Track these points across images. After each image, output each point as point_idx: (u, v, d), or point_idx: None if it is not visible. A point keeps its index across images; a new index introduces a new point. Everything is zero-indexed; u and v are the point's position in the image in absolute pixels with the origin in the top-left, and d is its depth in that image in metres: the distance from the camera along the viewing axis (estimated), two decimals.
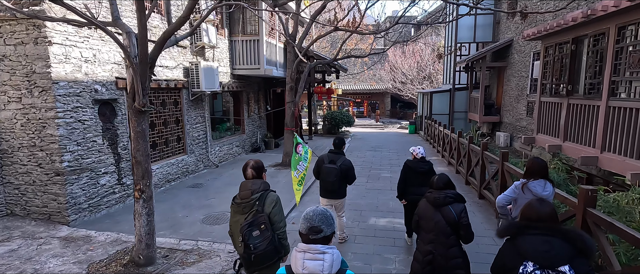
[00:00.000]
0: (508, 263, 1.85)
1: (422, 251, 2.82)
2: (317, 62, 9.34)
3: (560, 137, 6.80)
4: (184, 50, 7.99)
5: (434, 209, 2.81)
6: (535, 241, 1.78)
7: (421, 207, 2.94)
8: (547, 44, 7.46)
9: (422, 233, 2.91)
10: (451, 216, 2.73)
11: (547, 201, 2.04)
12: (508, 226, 2.00)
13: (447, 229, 2.73)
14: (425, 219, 2.85)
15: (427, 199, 2.91)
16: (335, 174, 4.22)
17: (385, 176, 8.53)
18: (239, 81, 10.86)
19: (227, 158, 10.22)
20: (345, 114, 17.38)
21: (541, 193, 3.08)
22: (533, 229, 1.84)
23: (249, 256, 2.52)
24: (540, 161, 3.29)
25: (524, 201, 2.99)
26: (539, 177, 3.16)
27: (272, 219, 2.61)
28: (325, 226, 1.63)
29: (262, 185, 2.72)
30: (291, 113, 9.07)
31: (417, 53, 26.04)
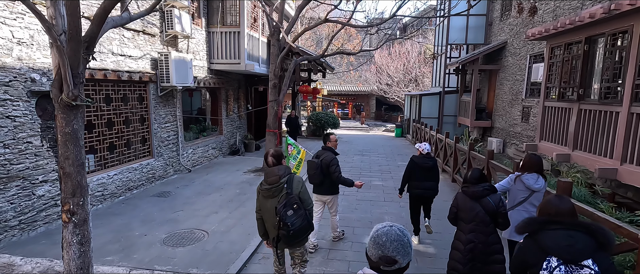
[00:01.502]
0: (530, 259, 1.84)
1: (463, 241, 3.01)
2: (303, 58, 8.51)
3: (569, 145, 6.23)
4: (152, 39, 6.98)
5: (473, 201, 3.01)
6: (557, 236, 1.77)
7: (459, 200, 3.11)
8: (553, 45, 6.91)
9: (461, 224, 3.09)
10: (490, 206, 2.96)
11: (566, 198, 2.05)
12: (528, 222, 1.96)
13: (487, 218, 2.95)
14: (464, 211, 3.04)
15: (465, 193, 3.08)
16: (314, 167, 4.30)
17: (376, 184, 7.78)
18: (217, 77, 9.88)
19: (201, 162, 9.22)
20: (331, 116, 16.61)
21: (533, 186, 3.31)
22: (554, 224, 1.83)
23: (288, 233, 2.80)
24: (537, 157, 3.47)
25: (516, 192, 3.38)
26: (533, 171, 3.38)
27: (301, 198, 2.93)
28: (401, 256, 1.37)
29: (286, 170, 2.96)
30: (274, 113, 8.20)
31: (404, 55, 25.62)
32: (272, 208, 2.88)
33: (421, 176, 4.56)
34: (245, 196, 6.55)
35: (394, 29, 34.93)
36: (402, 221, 5.59)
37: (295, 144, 5.68)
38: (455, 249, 3.09)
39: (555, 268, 1.71)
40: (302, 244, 3.10)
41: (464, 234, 3.03)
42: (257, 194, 3.04)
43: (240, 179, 7.81)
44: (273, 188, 2.88)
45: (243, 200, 6.33)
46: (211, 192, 6.72)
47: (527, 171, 3.41)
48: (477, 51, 12.35)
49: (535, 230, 1.88)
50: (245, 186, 7.28)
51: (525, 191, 3.39)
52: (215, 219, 5.32)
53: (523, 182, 3.37)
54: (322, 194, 4.47)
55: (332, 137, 4.62)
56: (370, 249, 1.40)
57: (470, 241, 2.96)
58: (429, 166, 4.58)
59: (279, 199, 2.85)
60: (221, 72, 10.13)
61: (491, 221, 2.97)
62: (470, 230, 2.98)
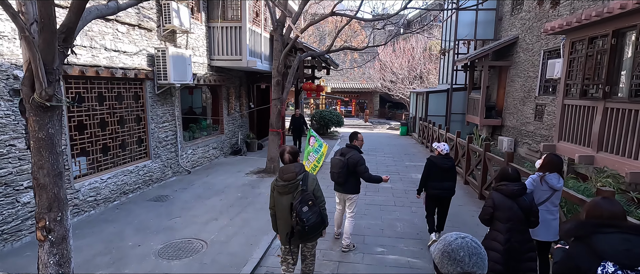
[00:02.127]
0: (582, 264, 1.73)
1: (501, 241, 2.98)
2: (307, 54, 8.11)
3: (593, 146, 5.82)
4: (148, 34, 6.61)
5: (510, 200, 3.01)
6: (613, 240, 1.68)
7: (496, 199, 3.07)
8: (574, 39, 6.49)
9: (497, 223, 3.06)
10: (526, 205, 3.01)
11: (616, 200, 2.02)
12: (579, 226, 1.85)
13: (522, 217, 2.99)
14: (502, 210, 3.01)
15: (502, 192, 3.06)
16: (340, 165, 4.25)
17: (385, 187, 7.39)
18: (217, 74, 9.50)
19: (201, 163, 8.87)
20: (335, 114, 16.22)
21: (556, 185, 3.36)
22: (610, 228, 1.73)
23: (303, 229, 2.87)
24: (558, 157, 3.51)
25: (540, 192, 3.35)
26: (554, 171, 3.41)
27: (315, 195, 3.00)
28: (481, 270, 1.20)
29: (302, 167, 3.02)
30: (277, 112, 7.82)
31: (408, 51, 25.13)
32: (288, 204, 2.94)
33: (440, 176, 4.54)
34: (247, 201, 6.18)
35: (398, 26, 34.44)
36: (416, 228, 5.21)
37: (318, 137, 5.47)
38: (492, 250, 3.01)
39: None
40: (315, 239, 3.20)
41: (501, 234, 3.00)
42: (271, 190, 3.08)
43: (241, 182, 7.44)
44: (289, 185, 2.94)
45: (245, 205, 5.97)
46: (211, 196, 6.36)
47: (549, 171, 3.44)
48: (487, 47, 11.91)
49: (588, 234, 1.76)
50: (247, 189, 6.91)
51: (548, 191, 3.42)
52: (215, 227, 4.96)
53: (547, 183, 3.40)
54: (346, 192, 4.43)
55: (360, 136, 4.54)
56: (444, 266, 1.24)
57: (508, 240, 2.95)
58: (448, 167, 4.56)
59: (294, 196, 2.92)
60: (222, 69, 9.76)
61: (526, 219, 3.02)
62: (507, 229, 2.97)
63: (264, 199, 6.30)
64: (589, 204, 1.97)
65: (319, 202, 3.04)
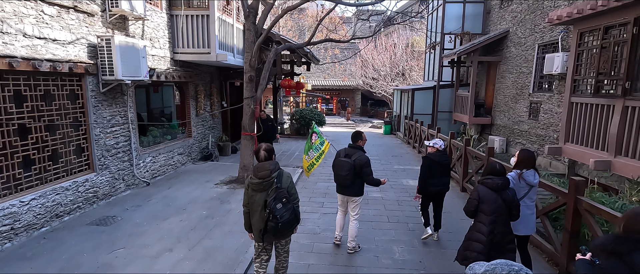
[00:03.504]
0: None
1: (484, 232, 3.07)
2: (284, 46, 7.10)
3: (610, 150, 5.15)
4: (90, 19, 5.42)
5: (495, 195, 3.09)
6: None
7: (481, 192, 3.15)
8: (583, 29, 5.81)
9: (481, 216, 3.14)
10: (509, 198, 3.11)
11: None
12: (617, 241, 1.68)
13: (505, 210, 3.09)
14: (487, 203, 3.10)
15: (487, 185, 3.15)
16: (347, 168, 4.09)
17: (375, 198, 6.53)
18: (183, 69, 8.33)
19: (164, 171, 7.70)
20: (316, 113, 15.27)
21: (533, 181, 3.46)
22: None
23: (276, 225, 2.89)
24: (531, 153, 3.55)
25: (518, 188, 3.43)
26: (529, 167, 3.48)
27: (290, 192, 3.02)
28: None
29: (276, 165, 3.01)
30: (250, 113, 6.78)
31: (390, 48, 24.49)
32: (261, 201, 2.94)
33: (439, 172, 4.52)
34: (212, 221, 5.14)
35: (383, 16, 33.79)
36: (417, 253, 4.35)
37: (320, 134, 5.20)
38: (476, 241, 3.13)
39: None
40: (288, 236, 3.22)
41: (484, 225, 3.10)
42: (245, 188, 3.08)
43: (209, 195, 6.37)
44: (264, 182, 2.92)
45: (210, 227, 4.92)
46: (169, 216, 5.28)
47: (525, 168, 3.49)
48: (476, 41, 11.27)
49: (627, 251, 1.62)
50: (215, 204, 5.86)
51: (525, 187, 3.47)
52: (168, 262, 3.91)
53: (525, 180, 3.46)
54: (351, 195, 4.27)
55: (364, 135, 4.45)
56: None
57: (491, 232, 3.05)
58: (447, 163, 4.59)
59: (268, 193, 2.92)
60: (188, 64, 8.59)
61: (508, 212, 3.11)
62: (490, 221, 3.07)
63: (235, 218, 5.28)
64: (629, 216, 1.77)
65: (293, 199, 3.06)
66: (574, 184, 3.63)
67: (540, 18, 8.92)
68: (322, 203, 6.18)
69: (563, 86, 7.84)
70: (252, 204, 3.01)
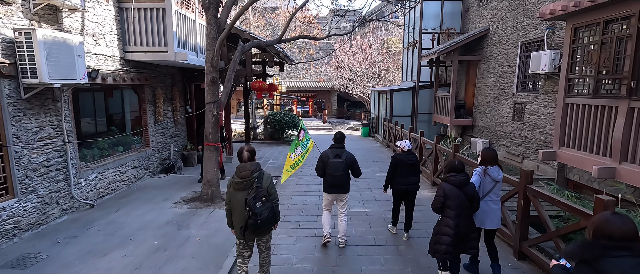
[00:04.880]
0: None
1: (451, 225, 3.34)
2: (252, 44, 6.23)
3: (614, 156, 4.68)
4: (6, 9, 4.36)
5: (458, 190, 3.36)
6: (624, 265, 1.54)
7: (446, 189, 3.40)
8: (577, 24, 5.35)
9: (447, 210, 3.40)
10: (470, 192, 3.39)
11: (627, 216, 1.81)
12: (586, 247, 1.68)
13: (468, 203, 3.38)
14: (451, 199, 3.35)
15: (451, 182, 3.40)
16: (342, 168, 4.29)
17: (358, 213, 5.82)
18: (136, 71, 7.28)
19: (114, 189, 6.63)
20: (291, 116, 14.43)
21: (497, 177, 3.68)
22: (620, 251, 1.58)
23: (255, 223, 3.05)
24: (493, 150, 3.81)
25: (485, 184, 3.69)
26: (493, 164, 3.71)
27: (269, 192, 3.19)
28: None
29: (258, 166, 3.21)
30: (214, 120, 5.88)
31: (366, 48, 24.06)
32: (242, 200, 3.08)
33: (405, 172, 4.68)
34: (165, 255, 4.21)
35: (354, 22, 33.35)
36: None
37: (307, 131, 5.23)
38: (444, 234, 3.37)
39: None
40: (268, 233, 3.36)
41: (451, 219, 3.36)
42: (227, 187, 3.21)
43: (165, 217, 5.42)
44: (245, 182, 3.07)
45: (161, 263, 4.00)
46: (111, 250, 4.31)
47: (489, 165, 3.68)
48: (456, 39, 10.86)
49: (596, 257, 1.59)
50: (171, 230, 4.92)
51: (491, 183, 3.66)
52: None
53: (489, 175, 3.66)
54: (343, 192, 4.47)
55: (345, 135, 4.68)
56: None
57: (457, 225, 3.33)
58: (412, 162, 4.70)
59: (249, 192, 3.07)
60: (144, 64, 7.55)
61: (470, 205, 3.41)
62: (456, 215, 3.34)
63: (193, 248, 4.38)
64: (598, 221, 1.72)
65: (273, 199, 3.21)
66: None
67: (522, 15, 8.57)
68: (299, 223, 5.39)
69: (550, 86, 7.47)
70: (233, 202, 3.16)
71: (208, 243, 4.54)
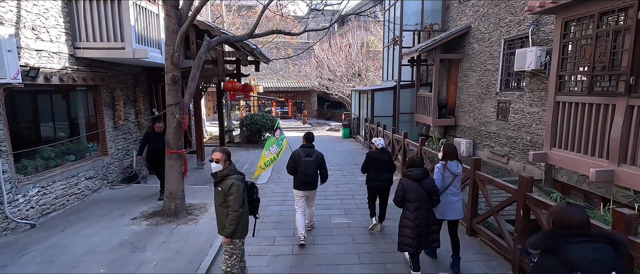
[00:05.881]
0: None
1: (411, 218, 3.59)
2: (219, 39, 5.58)
3: (612, 158, 4.38)
4: None
5: (416, 184, 3.61)
6: (585, 250, 1.66)
7: (405, 183, 3.65)
8: (568, 18, 5.05)
9: (407, 204, 3.64)
10: (428, 186, 3.63)
11: (580, 205, 2.00)
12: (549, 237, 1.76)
13: (426, 197, 3.60)
14: (410, 192, 3.61)
15: (410, 177, 3.65)
16: (313, 166, 4.57)
17: (339, 224, 5.30)
18: (90, 70, 6.48)
19: (63, 204, 5.82)
20: (269, 118, 13.77)
21: (456, 171, 3.92)
22: (579, 237, 1.70)
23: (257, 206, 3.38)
24: (453, 146, 4.05)
25: (445, 178, 3.92)
26: (453, 159, 3.97)
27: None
28: None
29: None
30: (176, 124, 5.20)
31: (345, 47, 23.68)
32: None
33: (379, 169, 4.86)
34: None
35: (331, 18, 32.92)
36: None
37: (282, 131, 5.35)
38: (406, 228, 3.61)
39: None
40: None
41: (411, 212, 3.59)
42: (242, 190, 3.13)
43: (119, 237, 4.69)
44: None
45: None
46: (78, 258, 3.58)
47: (449, 160, 3.95)
48: (437, 37, 10.57)
49: (559, 245, 1.70)
50: (123, 255, 4.22)
51: (451, 176, 3.91)
52: None
53: (448, 169, 3.91)
54: (313, 189, 4.75)
55: None
56: None
57: (417, 218, 3.55)
58: (386, 160, 4.89)
59: None
60: (100, 63, 6.75)
61: (429, 198, 3.61)
62: (415, 208, 3.57)
63: None
64: (556, 212, 1.85)
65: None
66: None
67: (505, 11, 8.32)
68: (273, 239, 4.79)
69: (536, 84, 7.22)
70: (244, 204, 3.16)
71: (166, 269, 3.88)
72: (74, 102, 6.87)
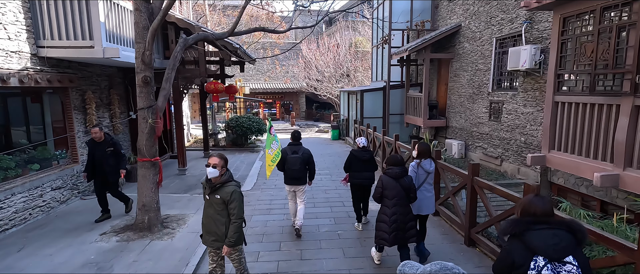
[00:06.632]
0: (518, 260, 1.85)
1: (388, 213, 3.71)
2: (197, 37, 5.11)
3: (616, 161, 4.12)
4: None
5: (394, 181, 3.71)
6: (545, 236, 1.81)
7: (384, 181, 3.77)
8: (567, 14, 4.80)
9: (386, 200, 3.76)
10: (406, 184, 3.73)
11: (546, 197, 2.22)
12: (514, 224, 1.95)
13: (404, 194, 3.71)
14: (389, 189, 3.72)
15: (388, 174, 3.77)
16: (299, 162, 4.84)
17: (328, 234, 4.91)
18: (56, 70, 5.95)
19: (24, 218, 5.27)
20: (255, 120, 13.30)
21: (429, 168, 4.16)
22: (540, 224, 1.86)
23: None
24: (426, 145, 4.28)
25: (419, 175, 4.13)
26: (427, 157, 4.22)
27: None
28: None
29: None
30: (149, 129, 4.75)
31: (333, 48, 23.36)
32: None
33: (360, 167, 5.02)
34: None
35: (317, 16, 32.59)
36: None
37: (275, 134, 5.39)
38: (382, 222, 3.76)
39: (543, 267, 1.75)
40: None
41: (388, 208, 3.72)
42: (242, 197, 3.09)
43: (84, 258, 4.21)
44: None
45: None
46: None
47: (423, 158, 4.18)
48: (428, 36, 10.32)
49: (522, 231, 1.87)
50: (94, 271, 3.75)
51: (424, 174, 4.13)
52: None
53: (422, 167, 4.13)
54: (301, 184, 4.97)
55: None
56: None
57: (394, 214, 3.67)
58: (367, 158, 5.04)
59: None
60: (68, 63, 6.22)
61: (407, 196, 3.72)
62: (393, 204, 3.69)
63: None
64: (525, 202, 2.02)
65: None
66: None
67: (497, 9, 8.10)
68: (257, 255, 4.38)
69: (530, 83, 7.00)
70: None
71: None
72: (38, 106, 6.31)
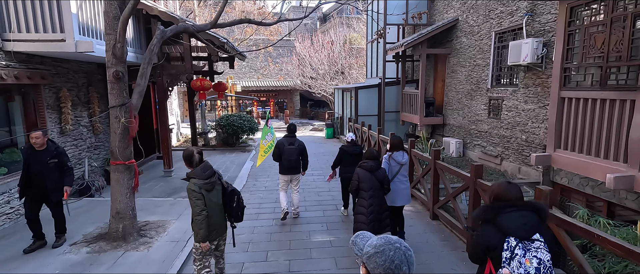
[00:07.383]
0: (492, 242, 1.98)
1: (365, 205, 3.83)
2: (175, 28, 4.68)
3: (631, 161, 3.80)
4: None
5: (370, 174, 3.86)
6: (514, 217, 1.97)
7: (360, 174, 3.90)
8: (575, 4, 4.46)
9: (362, 193, 3.88)
10: (380, 176, 3.90)
11: (515, 183, 2.21)
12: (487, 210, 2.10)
13: (379, 186, 3.87)
14: (364, 182, 3.86)
15: (363, 168, 3.91)
16: (296, 153, 5.23)
17: (321, 243, 4.54)
18: (25, 67, 5.49)
19: None
20: (247, 118, 12.88)
21: (402, 160, 4.31)
22: (510, 208, 2.01)
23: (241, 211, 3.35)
24: (398, 138, 4.51)
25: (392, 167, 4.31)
26: (399, 149, 4.37)
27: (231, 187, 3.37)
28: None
29: None
30: (122, 129, 4.32)
31: (328, 45, 22.96)
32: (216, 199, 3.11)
33: (350, 161, 5.16)
34: None
35: (314, 20, 32.12)
36: None
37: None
38: (360, 214, 3.86)
39: (515, 247, 1.89)
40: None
41: (365, 200, 3.84)
42: (197, 192, 2.97)
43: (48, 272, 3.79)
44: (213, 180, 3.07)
45: None
46: None
47: (395, 150, 4.35)
48: (424, 31, 9.96)
49: (494, 216, 2.02)
50: None
51: (397, 166, 4.29)
52: None
53: (394, 159, 4.30)
54: (296, 173, 5.38)
55: None
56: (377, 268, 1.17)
57: (370, 205, 3.81)
58: (357, 153, 5.26)
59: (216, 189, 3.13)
60: (40, 58, 5.77)
61: (381, 188, 3.89)
62: (369, 196, 3.82)
63: None
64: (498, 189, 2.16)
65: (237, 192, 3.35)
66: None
67: (495, 2, 7.77)
68: (242, 266, 4.00)
69: (531, 79, 6.68)
70: (210, 205, 3.02)
71: None
72: (7, 106, 5.84)
